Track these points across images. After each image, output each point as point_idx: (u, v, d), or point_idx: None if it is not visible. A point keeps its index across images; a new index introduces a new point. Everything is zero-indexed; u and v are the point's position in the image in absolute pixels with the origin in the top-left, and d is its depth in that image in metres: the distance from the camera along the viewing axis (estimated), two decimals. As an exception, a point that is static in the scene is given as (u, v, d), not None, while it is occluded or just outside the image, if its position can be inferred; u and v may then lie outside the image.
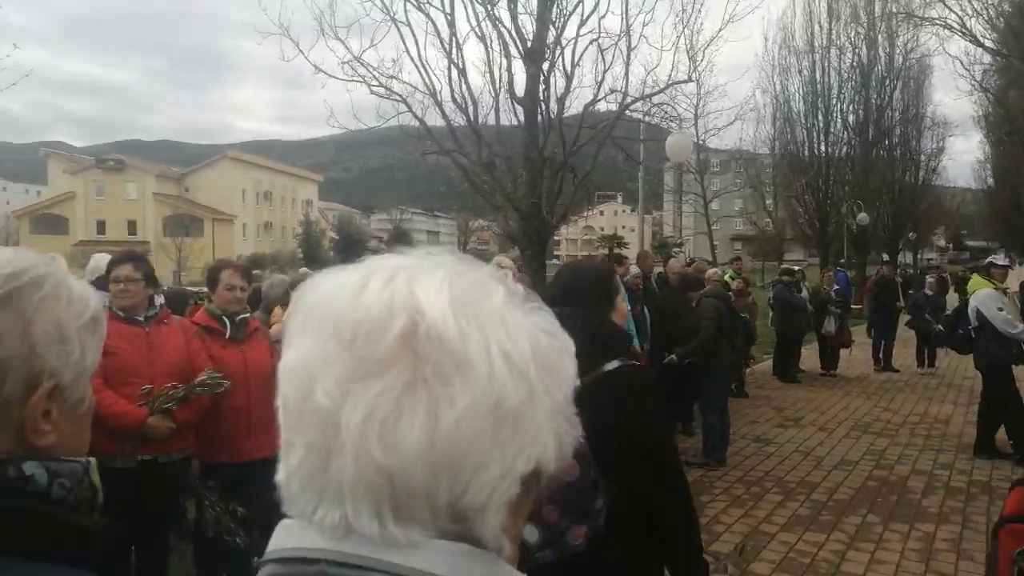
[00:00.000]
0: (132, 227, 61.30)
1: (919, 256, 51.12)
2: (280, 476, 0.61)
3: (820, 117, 26.41)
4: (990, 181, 36.56)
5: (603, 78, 9.56)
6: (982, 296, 7.67)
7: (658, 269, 10.36)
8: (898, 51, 30.35)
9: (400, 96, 9.52)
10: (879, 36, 29.80)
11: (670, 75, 10.00)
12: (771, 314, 12.71)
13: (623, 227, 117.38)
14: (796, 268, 13.84)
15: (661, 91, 10.02)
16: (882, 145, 31.47)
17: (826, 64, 26.83)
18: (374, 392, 0.56)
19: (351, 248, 72.48)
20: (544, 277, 9.30)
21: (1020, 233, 32.58)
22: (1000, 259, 7.89)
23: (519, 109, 9.73)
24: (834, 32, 27.67)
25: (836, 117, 27.21)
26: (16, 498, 0.74)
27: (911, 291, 15.35)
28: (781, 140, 26.56)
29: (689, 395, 8.44)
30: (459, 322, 0.57)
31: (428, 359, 0.56)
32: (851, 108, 29.22)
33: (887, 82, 30.40)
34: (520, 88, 9.80)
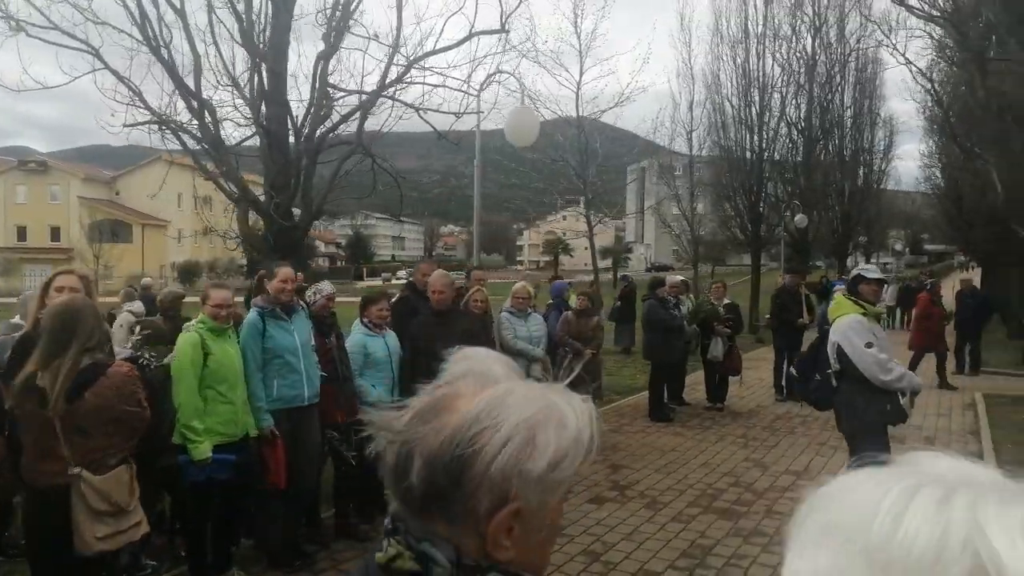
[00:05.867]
0: (55, 233, 57.70)
1: (874, 261, 49.32)
2: None
3: (754, 111, 24.07)
4: (940, 182, 34.64)
5: (334, 15, 6.98)
6: (844, 326, 5.26)
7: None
8: (848, 39, 28.22)
9: (89, 46, 6.92)
10: (823, 25, 27.64)
11: (471, 26, 7.53)
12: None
13: (585, 232, 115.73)
14: (680, 277, 11.44)
15: (454, 46, 7.50)
16: (828, 143, 29.33)
17: (761, 51, 24.51)
18: None
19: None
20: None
21: (964, 234, 30.63)
22: (871, 271, 5.47)
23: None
24: (773, 18, 25.39)
25: (774, 111, 24.89)
26: None
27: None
28: (711, 135, 24.21)
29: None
30: None
31: None
32: (794, 102, 26.98)
33: (834, 75, 28.24)
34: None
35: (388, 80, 7.18)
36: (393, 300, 7.09)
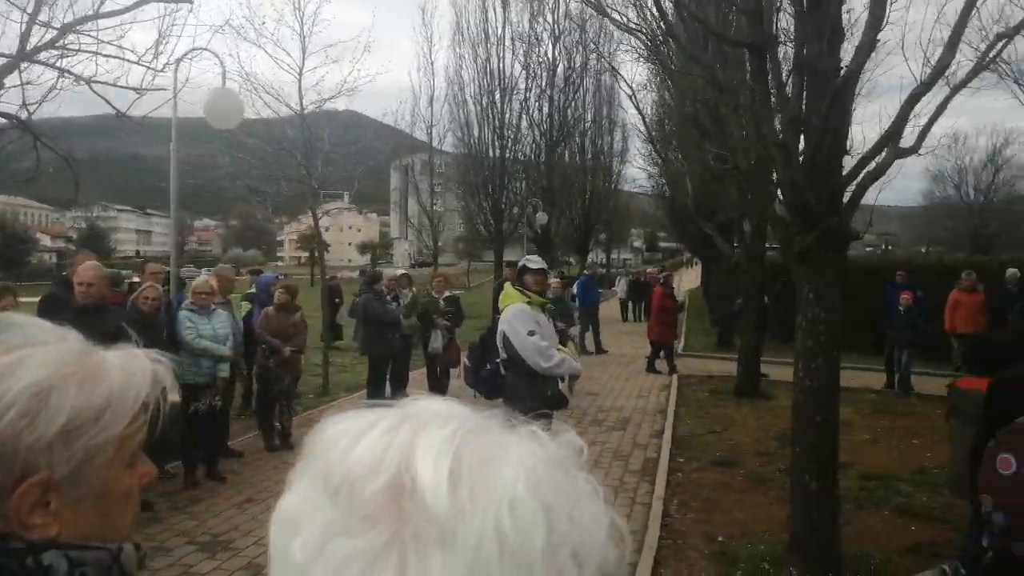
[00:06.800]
0: None
1: (615, 256, 53.60)
2: None
3: (496, 111, 24.90)
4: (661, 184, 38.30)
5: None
6: (509, 315, 5.40)
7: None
8: (589, 46, 30.06)
9: None
10: (563, 33, 29.24)
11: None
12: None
13: (349, 227, 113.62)
14: (402, 271, 11.37)
15: (123, 12, 6.69)
16: (568, 146, 31.12)
17: (503, 53, 25.44)
18: (348, 551, 0.50)
19: (12, 248, 61.06)
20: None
21: (680, 233, 34.02)
22: (534, 261, 5.67)
23: None
24: (515, 22, 26.43)
25: (516, 113, 25.94)
26: None
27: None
28: (454, 131, 24.73)
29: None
30: (453, 489, 0.51)
31: (410, 521, 0.50)
32: (537, 104, 28.28)
33: (572, 79, 29.96)
34: None
35: (34, 44, 6.21)
36: (42, 296, 6.23)
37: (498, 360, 5.44)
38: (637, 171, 41.22)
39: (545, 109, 28.12)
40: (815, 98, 4.84)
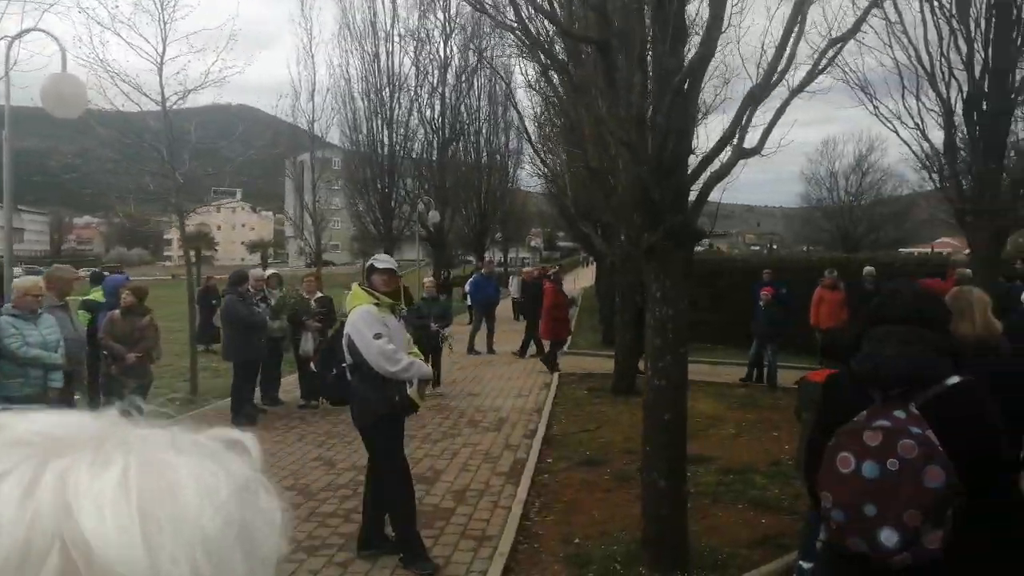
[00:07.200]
0: None
1: (512, 256, 53.89)
2: None
3: (384, 108, 24.38)
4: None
5: None
6: (355, 317, 5.16)
7: None
8: (481, 44, 29.88)
9: None
10: (455, 31, 29.01)
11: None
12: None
13: (243, 225, 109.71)
14: (271, 271, 10.91)
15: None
16: (463, 144, 30.94)
17: (392, 48, 24.96)
18: None
19: None
20: None
21: (573, 229, 34.43)
22: (382, 260, 5.45)
23: None
24: (404, 18, 26.00)
25: (406, 110, 25.54)
26: None
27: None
28: (341, 127, 24.11)
29: None
30: (152, 557, 0.38)
31: None
32: (428, 102, 27.94)
33: (464, 78, 29.76)
34: None
35: None
36: None
37: (344, 364, 5.20)
38: (529, 170, 41.37)
39: (437, 107, 27.86)
40: (660, 97, 4.85)
